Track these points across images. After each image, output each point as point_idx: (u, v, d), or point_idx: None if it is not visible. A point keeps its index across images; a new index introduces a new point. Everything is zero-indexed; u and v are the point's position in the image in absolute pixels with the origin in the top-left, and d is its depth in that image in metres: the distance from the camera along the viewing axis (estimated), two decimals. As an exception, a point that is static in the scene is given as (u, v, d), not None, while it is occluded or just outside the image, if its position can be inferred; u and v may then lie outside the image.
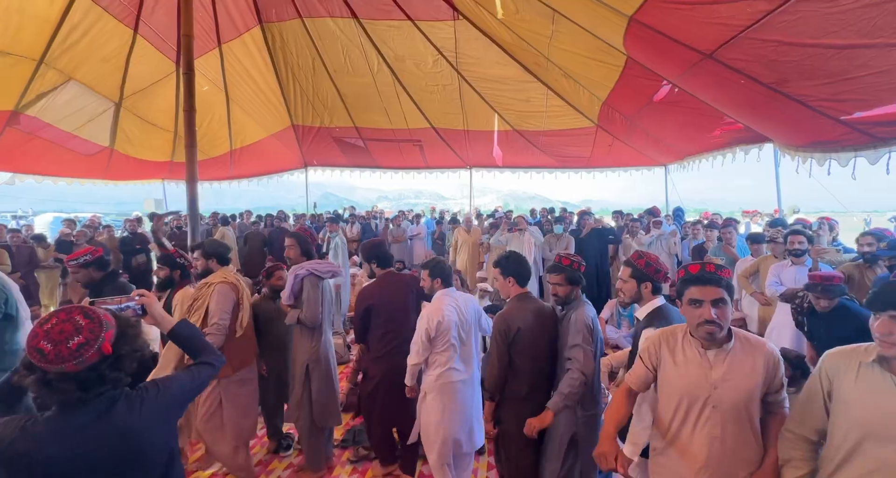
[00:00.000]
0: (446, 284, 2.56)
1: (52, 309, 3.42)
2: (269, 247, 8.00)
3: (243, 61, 6.64)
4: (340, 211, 10.98)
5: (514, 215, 7.66)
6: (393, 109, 7.50)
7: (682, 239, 5.90)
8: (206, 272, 2.70)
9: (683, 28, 3.05)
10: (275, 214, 8.70)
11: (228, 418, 2.60)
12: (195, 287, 2.69)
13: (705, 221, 6.64)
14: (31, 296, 5.94)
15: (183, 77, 3.67)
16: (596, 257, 5.71)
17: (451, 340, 2.43)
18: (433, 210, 12.06)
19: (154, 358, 1.37)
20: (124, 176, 8.31)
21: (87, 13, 4.84)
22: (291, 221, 9.00)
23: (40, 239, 6.60)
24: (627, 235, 5.85)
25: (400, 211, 10.22)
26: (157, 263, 3.35)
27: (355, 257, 7.84)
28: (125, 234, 7.20)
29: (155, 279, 3.19)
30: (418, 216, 9.80)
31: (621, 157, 7.86)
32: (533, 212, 9.68)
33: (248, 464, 2.74)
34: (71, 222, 7.44)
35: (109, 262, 2.92)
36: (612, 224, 7.43)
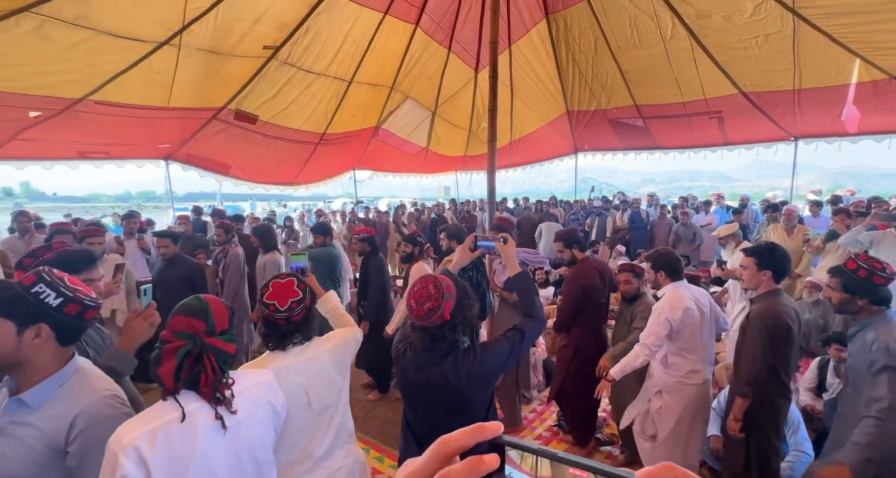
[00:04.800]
0: (675, 277, 2.51)
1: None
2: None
3: (528, 56, 7.03)
4: (609, 197, 10.49)
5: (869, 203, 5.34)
6: (686, 79, 6.40)
7: None
8: (450, 251, 3.31)
9: None
10: (545, 200, 9.10)
11: None
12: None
13: None
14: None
15: (489, 81, 4.07)
16: None
17: (694, 335, 2.41)
18: (720, 197, 9.86)
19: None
20: (433, 169, 10.43)
21: (419, 43, 6.15)
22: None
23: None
24: None
25: (682, 197, 8.83)
26: (403, 241, 3.68)
27: (619, 247, 7.39)
28: (434, 215, 9.09)
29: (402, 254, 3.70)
30: (707, 203, 8.24)
31: None
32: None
33: None
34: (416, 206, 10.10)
35: (376, 240, 3.91)
36: None
